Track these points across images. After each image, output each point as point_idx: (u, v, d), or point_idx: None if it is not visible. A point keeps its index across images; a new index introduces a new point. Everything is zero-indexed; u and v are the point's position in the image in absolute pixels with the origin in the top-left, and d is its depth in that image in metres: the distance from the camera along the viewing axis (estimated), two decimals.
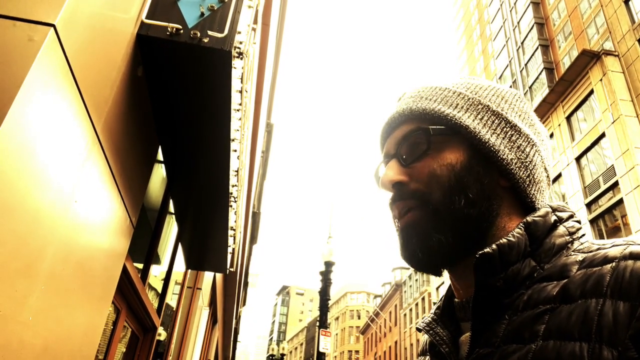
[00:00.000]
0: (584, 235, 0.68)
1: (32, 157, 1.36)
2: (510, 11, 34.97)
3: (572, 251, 0.63)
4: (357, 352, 63.45)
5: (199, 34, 2.16)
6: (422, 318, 0.76)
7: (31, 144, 1.35)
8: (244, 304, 24.81)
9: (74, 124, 1.59)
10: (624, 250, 0.55)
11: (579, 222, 0.69)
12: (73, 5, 1.46)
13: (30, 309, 1.48)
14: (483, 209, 0.67)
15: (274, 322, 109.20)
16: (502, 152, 0.68)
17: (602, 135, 19.50)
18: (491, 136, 0.69)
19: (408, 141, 0.72)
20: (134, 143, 2.34)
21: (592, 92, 20.60)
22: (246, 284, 21.59)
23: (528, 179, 0.70)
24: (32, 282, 1.46)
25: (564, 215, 0.68)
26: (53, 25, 1.36)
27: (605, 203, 18.78)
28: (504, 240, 0.63)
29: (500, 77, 35.53)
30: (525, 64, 31.41)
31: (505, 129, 0.70)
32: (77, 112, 1.59)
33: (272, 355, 25.15)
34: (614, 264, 0.54)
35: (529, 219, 0.65)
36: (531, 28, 31.19)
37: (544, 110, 23.38)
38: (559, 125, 22.44)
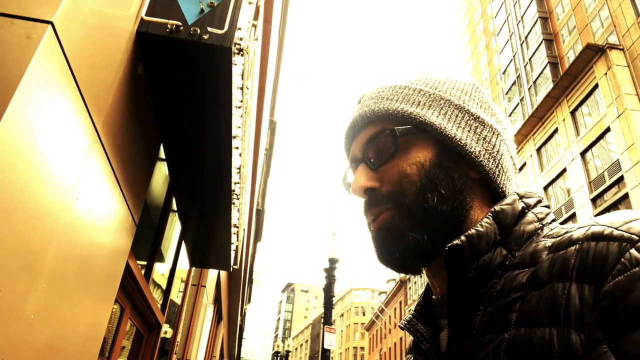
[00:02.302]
0: (553, 220, 0.68)
1: (32, 155, 1.36)
2: (514, 5, 34.77)
3: (542, 237, 0.63)
4: (362, 348, 63.55)
5: (199, 31, 2.15)
6: (405, 317, 0.76)
7: (30, 142, 1.34)
8: (248, 302, 24.89)
9: (73, 121, 1.58)
10: (587, 231, 0.55)
11: (547, 207, 0.69)
12: (71, 2, 1.45)
13: (33, 307, 1.48)
14: (456, 203, 0.67)
15: (279, 319, 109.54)
16: (470, 145, 0.68)
17: (607, 130, 19.39)
18: (457, 130, 0.69)
19: (374, 144, 0.71)
20: (135, 141, 2.34)
21: (596, 86, 20.46)
22: (251, 281, 21.65)
23: (497, 169, 0.70)
24: (34, 280, 1.47)
25: (532, 201, 0.68)
26: (51, 23, 1.36)
27: (610, 198, 18.68)
28: (472, 230, 0.62)
29: (504, 72, 35.37)
30: (529, 59, 31.25)
31: (469, 121, 0.70)
32: (76, 110, 1.59)
33: (278, 352, 25.22)
34: (577, 245, 0.54)
35: (496, 207, 0.65)
36: (535, 22, 31.00)
37: (549, 105, 23.26)
38: (564, 120, 22.32)
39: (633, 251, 0.49)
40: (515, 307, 0.56)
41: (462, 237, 0.62)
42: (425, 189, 0.66)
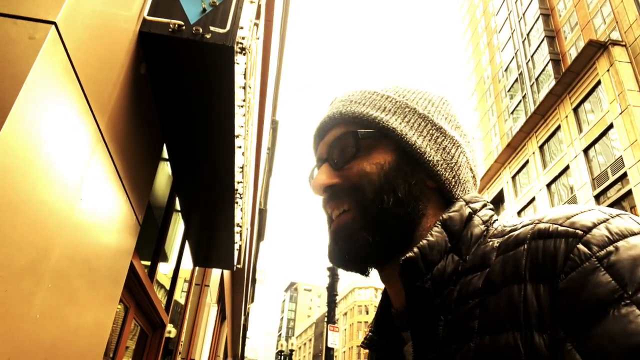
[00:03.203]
0: (496, 220, 0.69)
1: (36, 155, 1.36)
2: (516, 3, 34.68)
3: (489, 238, 0.64)
4: None
5: (201, 30, 2.15)
6: (366, 334, 0.76)
7: (34, 143, 1.34)
8: (252, 301, 24.92)
9: (77, 122, 1.59)
10: (533, 229, 0.56)
11: (491, 209, 0.70)
12: (74, 2, 1.45)
13: (38, 307, 1.48)
14: (410, 209, 0.68)
15: (282, 318, 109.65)
16: (428, 154, 0.70)
17: (610, 126, 19.33)
18: (417, 138, 0.71)
19: (338, 145, 0.73)
20: (138, 140, 2.34)
21: (599, 82, 20.40)
22: (254, 280, 21.68)
23: (454, 179, 0.71)
24: (38, 281, 1.47)
25: (478, 205, 0.69)
26: (54, 23, 1.36)
27: (614, 195, 18.63)
28: (424, 241, 0.63)
29: (506, 70, 35.28)
30: (532, 56, 31.17)
31: (431, 131, 0.72)
32: (80, 110, 1.59)
33: (281, 352, 25.23)
34: (525, 245, 0.55)
35: (444, 215, 0.66)
36: (537, 19, 30.92)
37: (551, 102, 23.20)
38: (566, 117, 22.27)
39: (580, 246, 0.50)
40: (475, 313, 0.56)
41: (415, 249, 0.62)
42: (383, 190, 0.68)
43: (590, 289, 0.47)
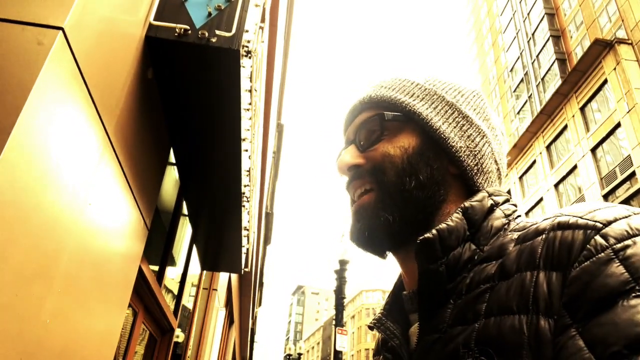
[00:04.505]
0: (519, 216, 0.69)
1: (45, 160, 1.36)
2: (520, 3, 34.58)
3: (509, 231, 0.64)
4: (374, 350, 63.29)
5: (207, 34, 2.16)
6: (375, 316, 0.77)
7: (43, 148, 1.35)
8: (259, 305, 24.92)
9: (85, 127, 1.59)
10: (553, 222, 0.56)
11: (514, 205, 0.71)
12: (81, 8, 1.46)
13: (48, 312, 1.49)
14: (431, 192, 0.69)
15: (290, 322, 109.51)
16: (452, 140, 0.71)
17: (618, 125, 19.18)
18: (442, 124, 0.72)
19: (365, 127, 0.75)
20: (146, 145, 2.35)
21: (605, 81, 20.26)
22: (261, 284, 21.68)
23: (476, 167, 0.72)
24: (48, 285, 1.47)
25: (500, 199, 0.70)
26: (62, 29, 1.37)
27: (622, 194, 18.47)
28: (443, 225, 0.64)
29: (511, 70, 35.16)
30: (537, 56, 31.04)
31: (457, 118, 0.73)
32: (88, 115, 1.60)
33: (289, 355, 25.19)
34: (544, 235, 0.55)
35: (466, 203, 0.67)
36: (542, 19, 30.80)
37: (557, 102, 23.07)
38: (573, 116, 22.13)
39: (598, 238, 0.50)
40: (484, 297, 0.57)
41: (433, 231, 0.63)
42: (405, 172, 0.69)
43: (602, 278, 0.47)
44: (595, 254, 0.49)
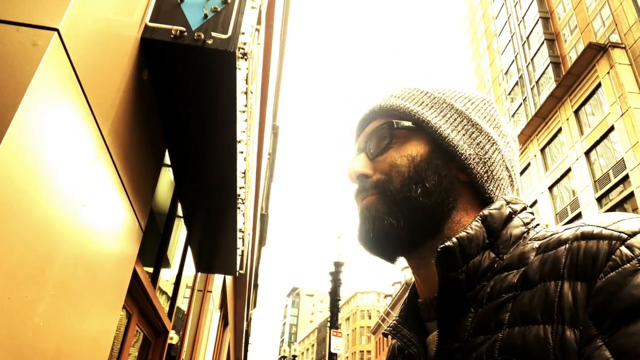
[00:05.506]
0: (538, 225, 0.69)
1: (39, 162, 1.36)
2: (515, 6, 34.75)
3: (529, 240, 0.64)
4: (368, 352, 63.29)
5: (202, 36, 2.15)
6: (389, 323, 0.77)
7: (37, 149, 1.34)
8: (254, 306, 24.85)
9: (80, 128, 1.59)
10: (576, 232, 0.56)
11: (532, 213, 0.71)
12: (76, 9, 1.45)
13: (41, 315, 1.48)
14: (439, 200, 0.69)
15: (284, 323, 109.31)
16: (461, 148, 0.71)
17: (611, 129, 19.31)
18: (451, 132, 0.72)
19: (375, 136, 0.75)
20: (141, 147, 2.34)
21: (599, 85, 20.40)
22: (256, 286, 21.63)
23: (486, 174, 0.72)
24: (42, 288, 1.46)
25: (518, 207, 0.70)
26: (57, 30, 1.36)
27: (616, 197, 18.58)
28: (464, 233, 0.64)
29: (506, 73, 35.31)
30: (532, 59, 31.19)
31: (466, 126, 0.73)
32: (83, 117, 1.59)
33: (284, 357, 25.14)
34: (567, 245, 0.55)
35: (485, 212, 0.67)
36: (536, 22, 30.96)
37: (552, 105, 23.20)
38: (567, 119, 22.25)
39: (623, 248, 0.50)
40: (507, 307, 0.56)
41: (454, 239, 0.63)
42: (412, 180, 0.69)
43: (628, 289, 0.47)
44: (621, 265, 0.49)
